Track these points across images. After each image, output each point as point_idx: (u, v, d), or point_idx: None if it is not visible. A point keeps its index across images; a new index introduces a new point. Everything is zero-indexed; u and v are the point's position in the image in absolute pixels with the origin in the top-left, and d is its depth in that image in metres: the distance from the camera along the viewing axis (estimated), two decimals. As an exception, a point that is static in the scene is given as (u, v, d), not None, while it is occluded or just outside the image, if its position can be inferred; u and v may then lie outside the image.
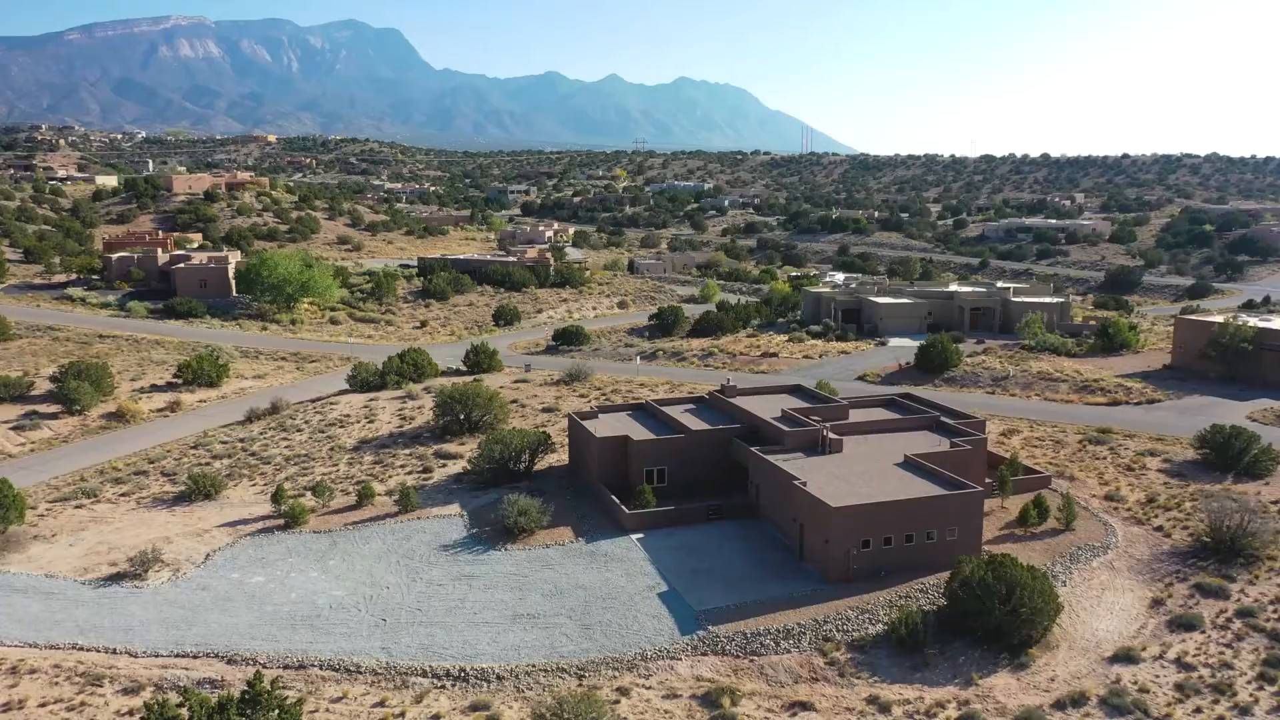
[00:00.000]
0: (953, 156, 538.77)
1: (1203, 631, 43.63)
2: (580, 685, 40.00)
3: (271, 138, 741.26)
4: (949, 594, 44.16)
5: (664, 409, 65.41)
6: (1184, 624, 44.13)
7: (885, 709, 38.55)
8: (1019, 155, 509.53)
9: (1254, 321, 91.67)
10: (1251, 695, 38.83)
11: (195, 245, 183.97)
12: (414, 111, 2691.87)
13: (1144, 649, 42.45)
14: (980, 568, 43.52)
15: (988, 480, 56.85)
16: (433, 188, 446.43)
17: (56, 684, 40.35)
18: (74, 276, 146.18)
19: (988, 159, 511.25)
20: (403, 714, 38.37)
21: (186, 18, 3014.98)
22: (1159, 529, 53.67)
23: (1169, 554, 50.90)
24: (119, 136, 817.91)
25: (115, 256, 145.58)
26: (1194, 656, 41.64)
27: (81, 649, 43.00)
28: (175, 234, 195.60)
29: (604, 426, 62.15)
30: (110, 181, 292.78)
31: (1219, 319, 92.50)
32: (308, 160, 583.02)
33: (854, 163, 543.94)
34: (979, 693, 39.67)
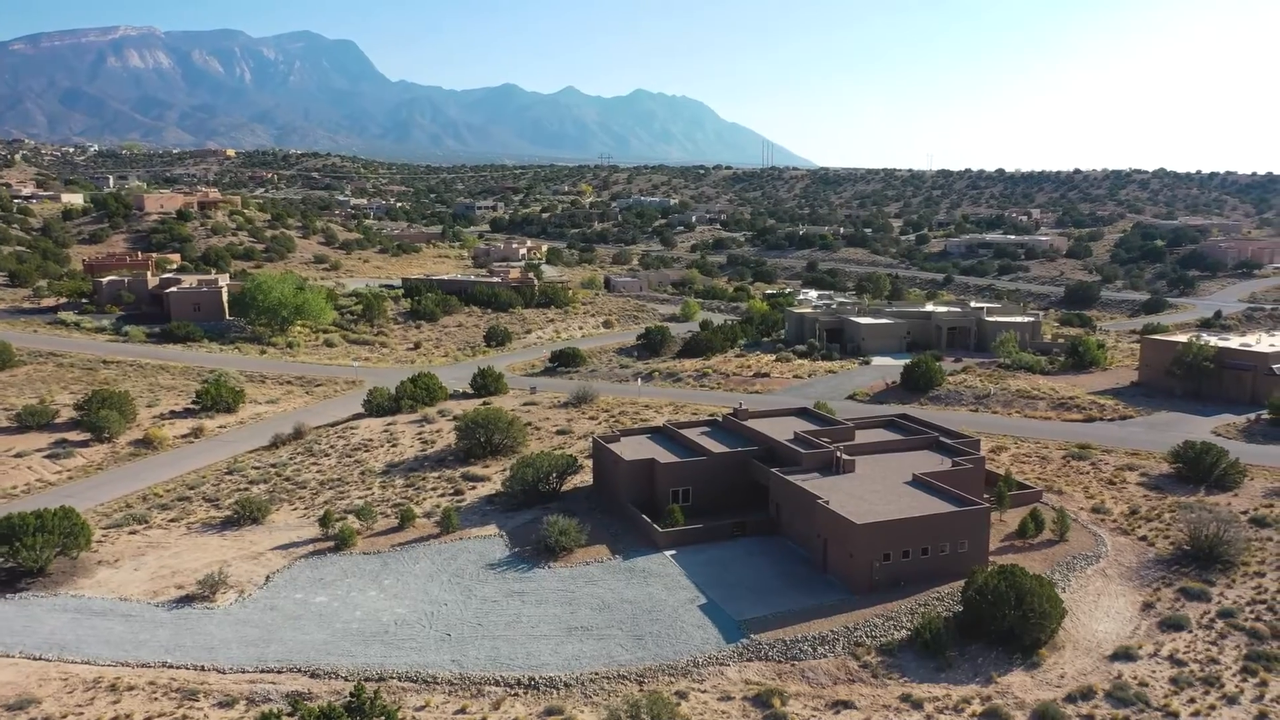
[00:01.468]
0: (910, 171, 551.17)
1: (1190, 631, 48.81)
2: (641, 690, 44.07)
3: (230, 152, 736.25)
4: (965, 601, 48.86)
5: (681, 431, 69.73)
6: (1173, 625, 49.29)
7: (918, 705, 43.10)
8: (975, 170, 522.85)
9: (1214, 341, 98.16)
10: (1237, 687, 43.95)
11: (175, 266, 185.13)
12: (370, 123, 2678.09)
13: (1140, 648, 47.50)
14: (993, 577, 48.31)
15: (985, 495, 61.82)
16: (399, 203, 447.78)
17: (156, 699, 43.55)
18: (63, 300, 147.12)
19: (945, 174, 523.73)
20: (484, 720, 42.17)
21: (135, 28, 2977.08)
22: (1143, 538, 59.00)
23: (1154, 561, 56.17)
24: (71, 150, 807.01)
25: (105, 280, 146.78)
26: (1184, 653, 46.76)
27: (171, 666, 46.23)
28: (154, 255, 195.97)
29: (628, 449, 66.29)
30: (76, 200, 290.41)
31: (1182, 339, 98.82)
32: (269, 175, 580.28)
33: (815, 177, 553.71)
34: (999, 690, 44.38)
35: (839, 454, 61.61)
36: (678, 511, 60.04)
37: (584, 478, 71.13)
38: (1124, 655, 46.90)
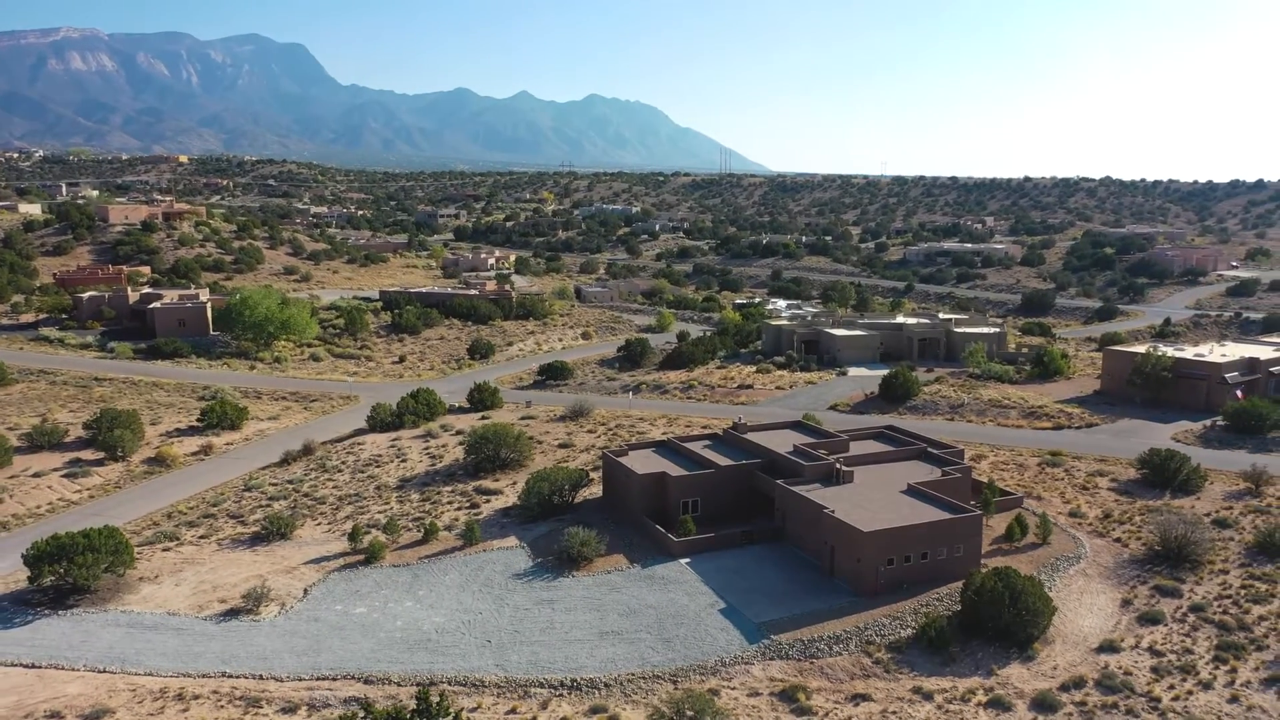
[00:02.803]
0: (866, 178, 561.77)
1: (1166, 625, 53.75)
2: (676, 689, 47.82)
3: (183, 158, 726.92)
4: (964, 601, 53.31)
5: (686, 445, 73.62)
6: (1150, 619, 54.22)
7: (929, 697, 47.39)
8: (929, 177, 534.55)
9: (1170, 351, 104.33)
10: (1210, 674, 48.85)
11: (146, 280, 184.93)
12: (321, 128, 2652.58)
13: (1122, 640, 52.32)
14: (989, 578, 52.82)
15: (972, 502, 66.48)
16: (360, 211, 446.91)
17: (222, 707, 46.41)
18: (42, 316, 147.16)
19: (900, 181, 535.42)
20: (534, 719, 45.62)
21: (78, 29, 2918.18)
22: (1118, 540, 64.06)
23: (1129, 562, 61.19)
24: (15, 155, 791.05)
25: (86, 295, 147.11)
26: (1162, 645, 51.64)
27: (231, 676, 49.07)
28: (125, 268, 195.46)
29: (637, 463, 69.99)
30: (34, 210, 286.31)
31: (1141, 350, 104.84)
32: (224, 183, 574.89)
33: (773, 184, 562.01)
34: (999, 681, 48.85)
35: (839, 465, 65.91)
36: (689, 521, 63.85)
37: (592, 490, 74.62)
38: (1109, 648, 51.64)
